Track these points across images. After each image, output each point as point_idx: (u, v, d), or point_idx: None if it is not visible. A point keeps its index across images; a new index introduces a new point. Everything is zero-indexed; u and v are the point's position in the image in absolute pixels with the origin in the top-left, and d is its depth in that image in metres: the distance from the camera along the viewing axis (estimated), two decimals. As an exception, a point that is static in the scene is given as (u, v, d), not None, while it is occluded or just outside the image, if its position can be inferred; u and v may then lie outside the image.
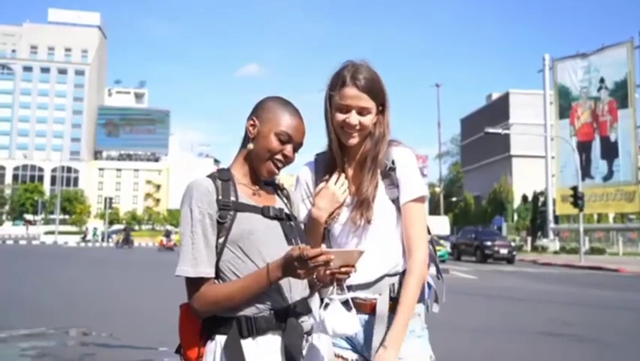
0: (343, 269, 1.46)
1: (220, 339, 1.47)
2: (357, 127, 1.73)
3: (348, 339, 1.78)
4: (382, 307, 1.72)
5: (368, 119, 1.74)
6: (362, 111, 1.73)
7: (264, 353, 1.46)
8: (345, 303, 1.57)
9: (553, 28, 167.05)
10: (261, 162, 1.59)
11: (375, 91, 1.74)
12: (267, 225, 1.55)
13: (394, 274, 1.77)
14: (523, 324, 7.68)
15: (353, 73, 1.73)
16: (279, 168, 1.61)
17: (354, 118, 1.72)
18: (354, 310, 1.54)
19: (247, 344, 1.45)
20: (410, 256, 1.75)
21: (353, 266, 1.46)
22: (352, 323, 1.52)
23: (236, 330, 1.46)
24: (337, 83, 1.73)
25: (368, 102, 1.73)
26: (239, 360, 1.42)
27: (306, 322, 1.53)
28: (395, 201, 1.78)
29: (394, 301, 1.73)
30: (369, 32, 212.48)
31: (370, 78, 1.74)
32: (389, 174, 1.79)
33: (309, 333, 1.52)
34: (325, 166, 1.85)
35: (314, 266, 1.37)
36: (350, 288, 1.71)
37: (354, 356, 1.78)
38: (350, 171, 1.83)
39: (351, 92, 1.71)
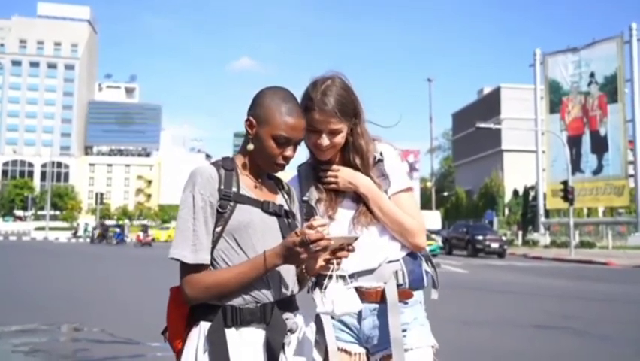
0: (348, 247, 1.48)
1: (204, 326, 1.46)
2: (329, 146, 1.74)
3: (352, 332, 1.77)
4: (392, 294, 1.71)
5: (339, 138, 1.75)
6: (333, 132, 1.72)
7: (246, 345, 1.45)
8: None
9: (545, 23, 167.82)
10: (262, 163, 1.58)
11: (345, 110, 1.72)
12: (265, 220, 1.54)
13: (395, 261, 1.76)
14: (515, 317, 7.73)
15: (320, 95, 1.69)
16: (281, 168, 1.60)
17: (324, 140, 1.72)
18: (353, 288, 1.54)
19: (230, 334, 1.45)
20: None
21: (351, 245, 1.48)
22: (354, 301, 1.52)
23: (221, 318, 1.45)
24: (305, 106, 1.68)
25: (338, 124, 1.71)
26: (221, 348, 1.42)
27: (291, 319, 1.52)
28: (386, 191, 1.80)
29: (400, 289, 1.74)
30: (361, 26, 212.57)
31: (339, 99, 1.71)
32: (378, 166, 1.81)
33: (292, 331, 1.51)
34: (308, 178, 1.84)
35: (315, 251, 1.38)
36: (352, 276, 1.71)
37: (359, 349, 1.77)
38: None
39: (319, 116, 1.69)
